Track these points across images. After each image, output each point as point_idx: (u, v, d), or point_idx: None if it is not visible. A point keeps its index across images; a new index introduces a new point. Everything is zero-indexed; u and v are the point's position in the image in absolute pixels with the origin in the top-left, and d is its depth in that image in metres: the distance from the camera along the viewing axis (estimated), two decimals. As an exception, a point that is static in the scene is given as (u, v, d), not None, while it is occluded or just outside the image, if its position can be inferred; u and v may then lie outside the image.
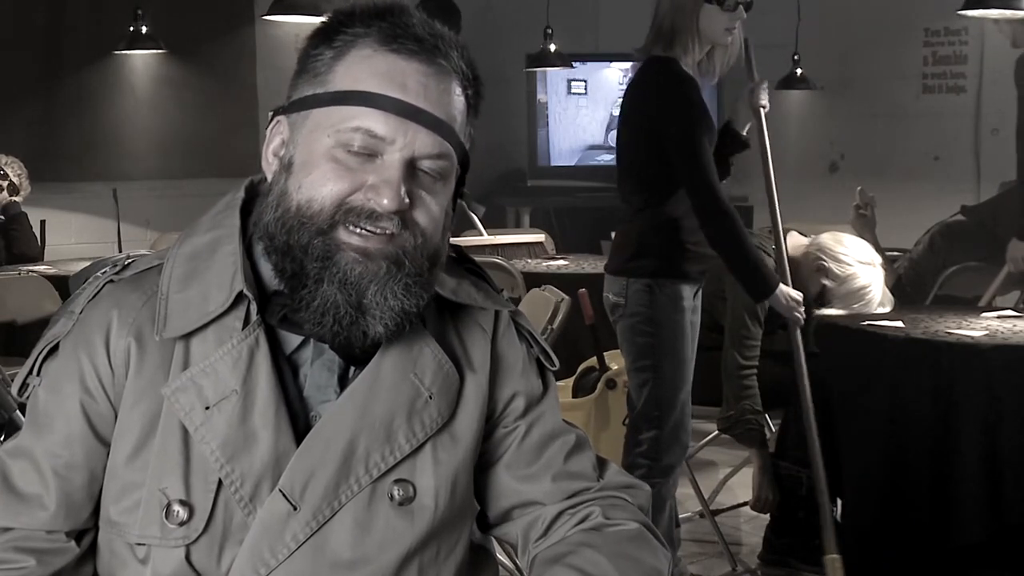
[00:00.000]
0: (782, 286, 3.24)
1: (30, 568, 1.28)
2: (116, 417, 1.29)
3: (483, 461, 1.39)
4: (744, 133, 3.41)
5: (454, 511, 1.34)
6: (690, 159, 3.14)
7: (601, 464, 1.45)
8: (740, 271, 3.21)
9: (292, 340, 1.31)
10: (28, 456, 1.31)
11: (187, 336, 1.28)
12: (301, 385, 1.30)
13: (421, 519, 1.31)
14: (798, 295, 3.29)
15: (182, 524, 1.25)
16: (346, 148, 1.23)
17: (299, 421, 1.29)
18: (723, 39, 3.22)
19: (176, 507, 1.26)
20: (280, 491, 1.26)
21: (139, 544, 1.28)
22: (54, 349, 1.33)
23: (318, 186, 1.23)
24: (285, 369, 1.30)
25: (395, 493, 1.29)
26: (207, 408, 1.25)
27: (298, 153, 1.26)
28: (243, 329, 1.27)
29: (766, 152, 3.38)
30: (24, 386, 1.34)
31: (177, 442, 1.26)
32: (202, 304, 1.28)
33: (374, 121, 1.23)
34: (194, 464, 1.26)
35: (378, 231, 1.23)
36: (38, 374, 1.33)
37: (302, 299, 1.24)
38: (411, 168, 1.24)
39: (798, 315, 3.29)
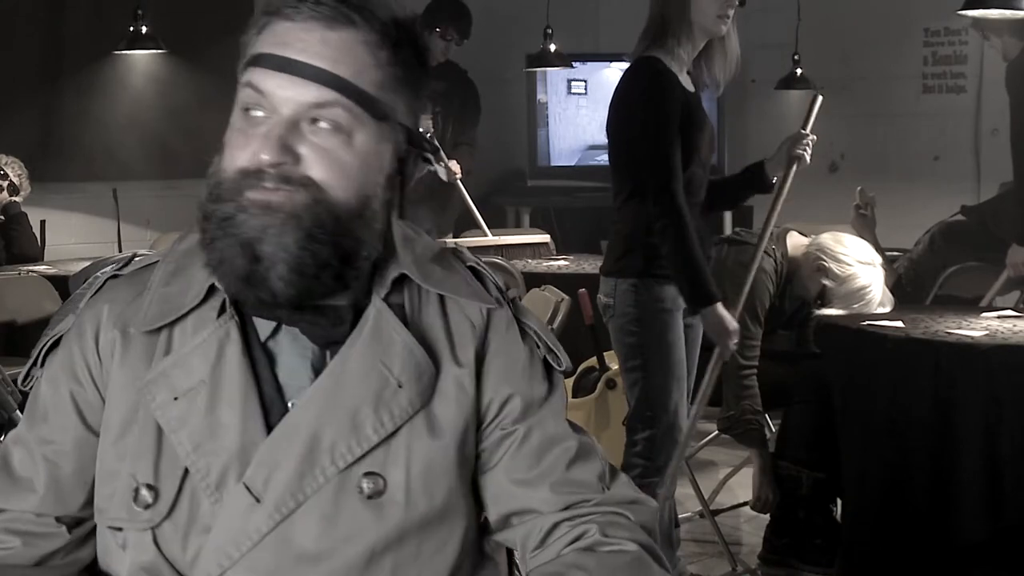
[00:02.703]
0: (720, 309, 3.16)
1: (15, 549, 1.33)
2: (104, 406, 1.33)
3: (482, 464, 1.36)
4: (774, 180, 3.38)
5: (434, 509, 1.29)
6: (652, 164, 3.15)
7: (610, 475, 1.39)
8: (677, 277, 3.17)
9: (268, 328, 1.31)
10: (24, 442, 1.36)
11: (170, 329, 1.31)
12: (278, 373, 1.31)
13: (391, 514, 1.27)
14: (733, 325, 3.19)
15: (147, 507, 1.28)
16: (244, 117, 1.27)
17: (275, 410, 1.29)
18: (717, 28, 3.19)
19: (143, 491, 1.28)
20: (244, 483, 1.26)
21: (114, 528, 1.31)
22: (57, 342, 1.37)
23: (228, 159, 1.27)
24: (260, 358, 1.31)
25: (364, 486, 1.26)
26: (176, 399, 1.28)
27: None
28: (217, 319, 1.30)
29: (780, 197, 3.34)
30: (28, 376, 1.39)
31: (152, 430, 1.29)
32: (180, 298, 1.32)
33: (259, 77, 1.26)
34: (165, 451, 1.29)
35: (272, 186, 1.23)
36: (41, 365, 1.38)
37: (209, 262, 1.26)
38: (296, 123, 1.24)
39: (728, 343, 3.19)
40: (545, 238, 5.75)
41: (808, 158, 3.34)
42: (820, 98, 3.38)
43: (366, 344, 1.29)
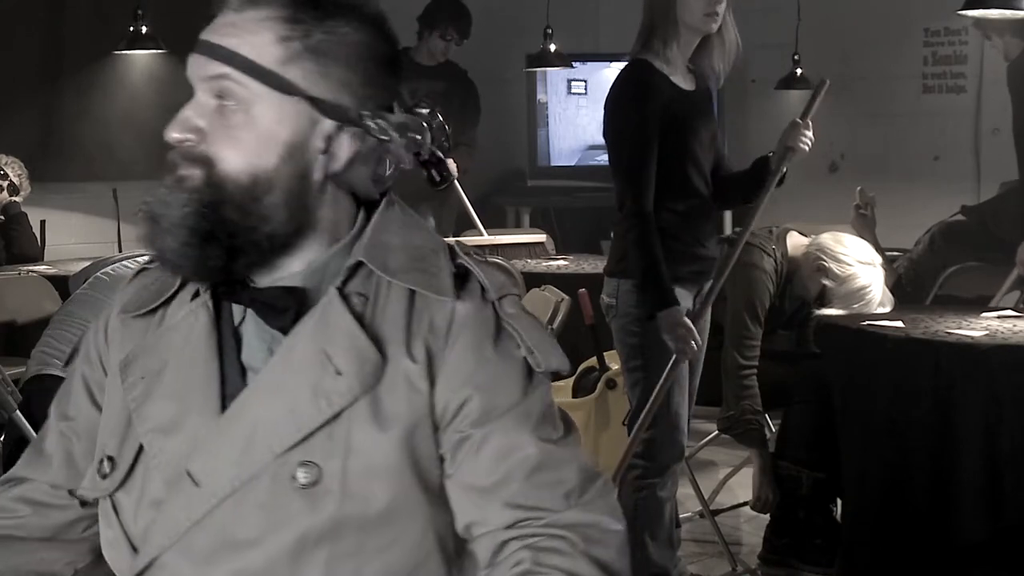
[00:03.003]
0: (676, 311, 3.13)
1: (26, 518, 1.41)
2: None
3: (445, 468, 1.29)
4: (784, 170, 3.34)
5: (376, 506, 1.25)
6: (620, 167, 3.21)
7: (581, 489, 1.29)
8: (639, 276, 3.18)
9: (240, 312, 1.33)
10: (51, 417, 1.45)
11: (163, 312, 1.37)
12: (242, 358, 1.33)
13: (325, 505, 1.24)
14: (696, 336, 3.16)
15: (104, 477, 1.33)
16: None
17: (235, 393, 1.30)
18: (708, 26, 3.18)
19: (105, 462, 1.34)
20: (186, 468, 1.28)
21: (86, 501, 1.39)
22: None
23: None
24: (229, 341, 1.33)
25: (299, 474, 1.24)
26: (142, 378, 1.33)
27: None
28: (190, 302, 1.34)
29: (770, 184, 3.31)
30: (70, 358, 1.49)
31: (124, 408, 1.34)
32: (169, 282, 1.36)
33: (188, 65, 1.33)
34: (131, 428, 1.33)
35: (177, 164, 1.29)
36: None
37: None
38: (203, 102, 1.30)
39: (680, 348, 3.14)
40: (542, 237, 5.75)
41: (807, 147, 3.27)
42: (827, 83, 3.34)
43: (311, 330, 1.28)
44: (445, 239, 1.39)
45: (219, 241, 1.26)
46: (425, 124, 1.35)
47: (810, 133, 3.28)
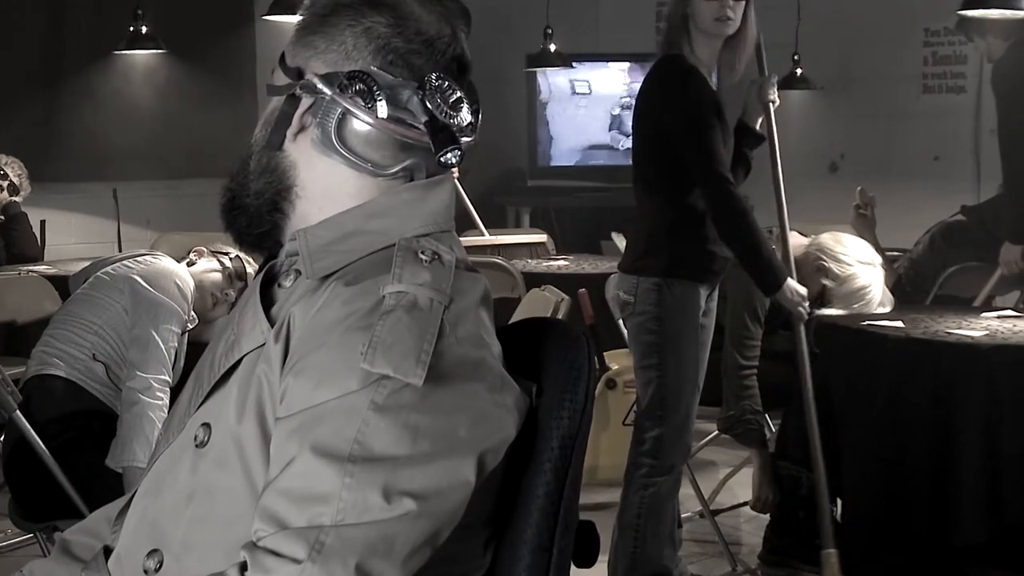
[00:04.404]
0: (790, 281, 3.25)
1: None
2: None
3: None
4: (757, 127, 3.40)
5: (235, 477, 1.24)
6: (702, 156, 3.15)
7: (333, 513, 1.13)
8: (753, 266, 3.22)
9: None
10: None
11: None
12: None
13: (203, 466, 1.28)
14: (803, 290, 3.28)
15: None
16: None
17: None
18: (718, 29, 3.19)
19: None
20: (169, 420, 1.41)
21: None
22: None
23: None
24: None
25: (198, 434, 1.30)
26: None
27: None
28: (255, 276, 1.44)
29: (774, 146, 3.36)
30: None
31: None
32: None
33: None
34: None
35: None
36: None
37: None
38: None
39: (802, 310, 3.27)
40: (543, 237, 5.75)
41: (777, 99, 3.39)
42: (761, 38, 3.42)
43: (244, 293, 1.39)
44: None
45: (225, 209, 1.41)
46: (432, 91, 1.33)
47: (775, 76, 3.42)
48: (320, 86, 1.32)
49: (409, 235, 1.30)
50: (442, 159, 1.32)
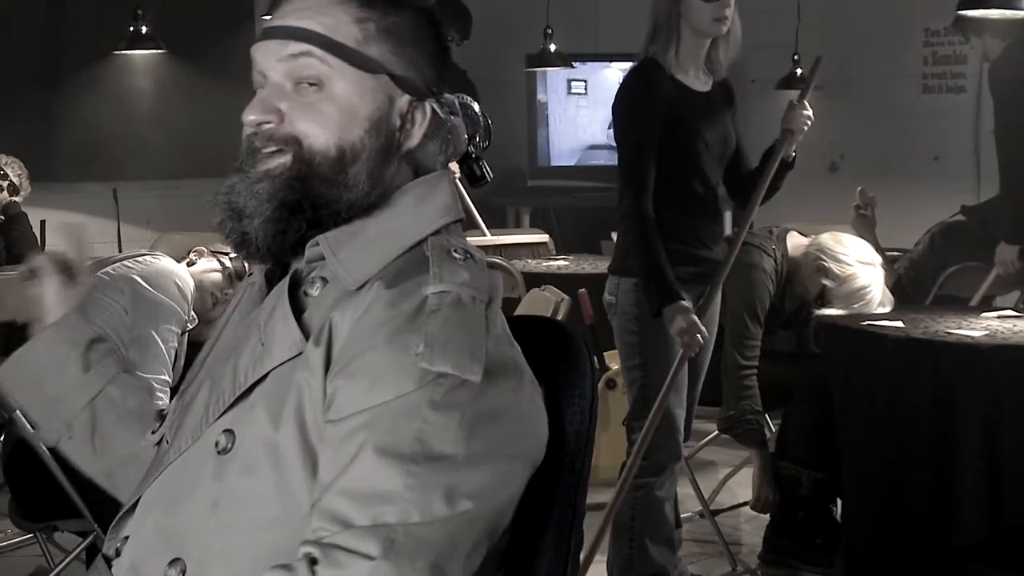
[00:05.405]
0: (681, 309, 3.11)
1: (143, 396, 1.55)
2: None
3: None
4: (793, 154, 3.35)
5: (268, 483, 1.24)
6: (623, 163, 3.23)
7: (397, 513, 1.14)
8: (640, 277, 3.19)
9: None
10: None
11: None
12: None
13: (229, 472, 1.26)
14: (705, 332, 3.17)
15: (153, 432, 1.46)
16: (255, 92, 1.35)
17: None
18: (717, 30, 3.19)
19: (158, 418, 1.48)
20: (168, 428, 1.40)
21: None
22: None
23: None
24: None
25: (220, 440, 1.28)
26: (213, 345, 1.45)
27: None
28: (249, 276, 1.45)
29: (770, 173, 3.32)
30: None
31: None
32: None
33: (253, 52, 1.36)
34: None
35: (262, 148, 1.32)
36: None
37: (219, 228, 1.37)
38: (281, 86, 1.33)
39: (686, 342, 3.13)
40: (544, 238, 5.76)
41: (806, 127, 3.31)
42: (821, 59, 3.36)
43: (265, 305, 1.34)
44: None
45: (303, 213, 1.31)
46: (479, 115, 1.42)
47: (808, 112, 3.31)
48: (443, 100, 1.37)
49: (430, 231, 1.33)
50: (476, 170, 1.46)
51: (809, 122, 3.31)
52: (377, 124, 1.32)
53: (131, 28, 5.92)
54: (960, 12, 4.11)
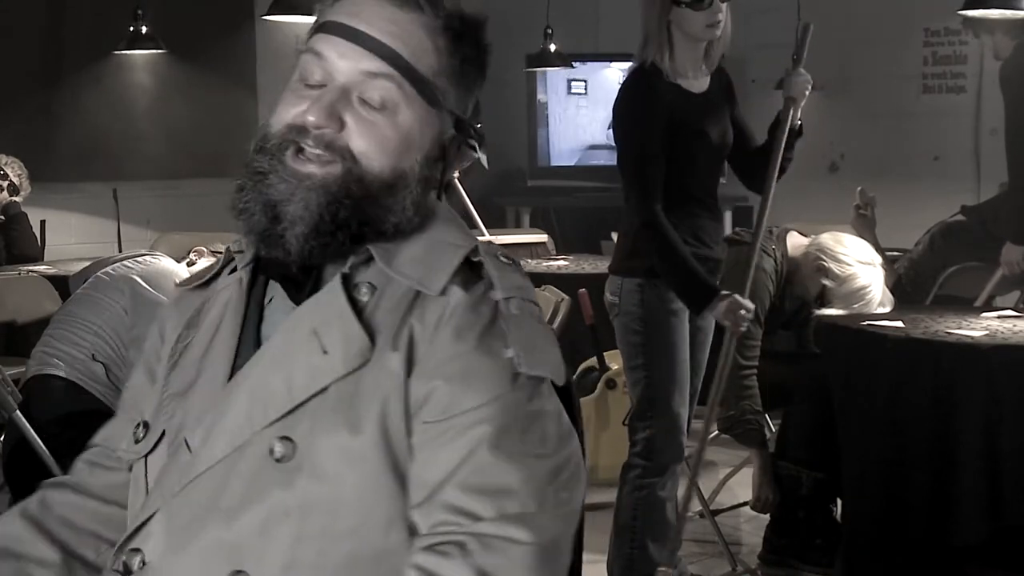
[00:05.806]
0: (721, 299, 3.13)
1: (80, 473, 1.46)
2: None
3: (412, 458, 1.27)
4: (799, 122, 3.35)
5: (347, 488, 1.24)
6: (625, 174, 3.22)
7: (522, 503, 1.22)
8: (674, 285, 3.18)
9: (272, 288, 1.38)
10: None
11: (213, 287, 1.44)
12: (262, 330, 1.37)
13: (297, 481, 1.25)
14: (749, 305, 3.18)
15: (138, 441, 1.39)
16: (304, 81, 1.32)
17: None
18: (711, 35, 3.19)
19: (140, 426, 1.39)
20: (184, 436, 1.32)
21: (121, 457, 1.43)
22: None
23: (277, 116, 1.33)
24: (253, 315, 1.37)
25: (275, 448, 1.26)
26: (186, 346, 1.40)
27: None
28: (228, 274, 1.42)
29: (780, 144, 3.33)
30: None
31: (165, 375, 1.42)
32: (217, 264, 1.45)
33: (324, 43, 1.32)
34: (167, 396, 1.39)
35: (312, 150, 1.29)
36: None
37: (233, 207, 1.32)
38: (348, 92, 1.31)
39: (734, 322, 3.15)
40: (543, 238, 5.76)
41: (807, 91, 3.32)
42: (811, 27, 3.37)
43: (310, 308, 1.31)
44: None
45: (349, 228, 1.30)
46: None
47: (807, 76, 3.32)
48: (476, 137, 1.40)
49: (475, 241, 1.36)
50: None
51: (808, 86, 3.31)
52: (428, 155, 1.35)
53: (131, 28, 5.92)
54: (960, 12, 4.11)
